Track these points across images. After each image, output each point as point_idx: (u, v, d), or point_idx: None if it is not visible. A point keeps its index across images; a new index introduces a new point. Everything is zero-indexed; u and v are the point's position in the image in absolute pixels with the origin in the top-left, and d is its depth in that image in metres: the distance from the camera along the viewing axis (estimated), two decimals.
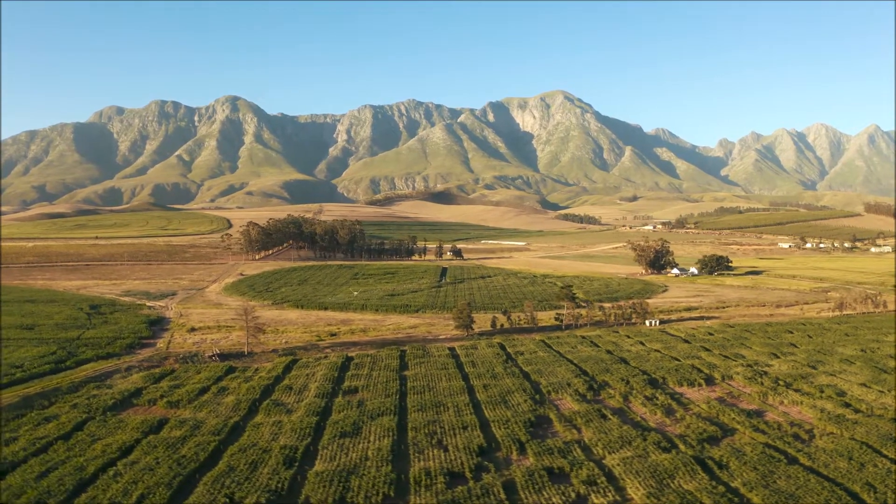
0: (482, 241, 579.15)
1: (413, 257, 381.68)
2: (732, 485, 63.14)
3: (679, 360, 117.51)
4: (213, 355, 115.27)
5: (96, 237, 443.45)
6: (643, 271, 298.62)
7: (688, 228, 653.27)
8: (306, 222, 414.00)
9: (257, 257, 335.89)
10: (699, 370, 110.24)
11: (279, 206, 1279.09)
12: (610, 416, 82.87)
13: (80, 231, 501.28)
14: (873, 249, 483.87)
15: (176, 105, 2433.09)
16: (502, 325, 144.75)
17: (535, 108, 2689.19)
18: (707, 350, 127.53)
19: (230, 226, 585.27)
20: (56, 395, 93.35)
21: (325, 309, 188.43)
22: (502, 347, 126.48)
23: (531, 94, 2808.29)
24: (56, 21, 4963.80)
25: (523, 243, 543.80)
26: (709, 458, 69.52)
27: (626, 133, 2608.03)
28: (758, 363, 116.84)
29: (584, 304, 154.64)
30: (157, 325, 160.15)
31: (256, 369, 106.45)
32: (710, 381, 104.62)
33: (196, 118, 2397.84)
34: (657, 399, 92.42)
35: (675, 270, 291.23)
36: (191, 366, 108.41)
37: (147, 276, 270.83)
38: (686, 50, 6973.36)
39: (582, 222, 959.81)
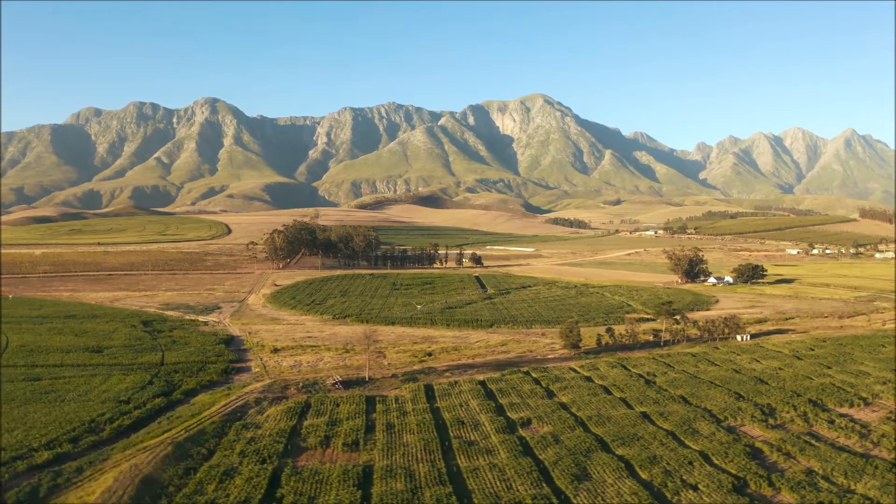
0: (487, 247, 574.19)
1: (434, 264, 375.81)
2: None
3: (812, 379, 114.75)
4: (336, 383, 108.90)
5: (98, 243, 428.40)
6: (678, 280, 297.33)
7: (689, 234, 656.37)
8: (319, 229, 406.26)
9: (280, 266, 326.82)
10: (843, 389, 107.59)
11: (263, 209, 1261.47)
12: (814, 443, 79.77)
13: (78, 237, 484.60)
14: (877, 255, 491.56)
15: (154, 107, 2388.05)
16: (606, 343, 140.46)
17: (515, 112, 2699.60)
18: (827, 367, 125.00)
19: (229, 231, 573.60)
20: (203, 438, 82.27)
21: (392, 324, 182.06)
22: (624, 367, 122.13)
23: (511, 97, 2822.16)
24: (32, 22, 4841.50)
25: (532, 249, 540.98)
26: None
27: (605, 136, 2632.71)
28: (890, 380, 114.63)
29: (679, 320, 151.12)
30: (231, 344, 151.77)
31: (397, 398, 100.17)
32: (864, 400, 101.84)
33: (175, 120, 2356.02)
34: (836, 421, 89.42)
35: (712, 279, 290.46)
36: (323, 396, 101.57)
37: (176, 286, 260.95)
38: (663, 53, 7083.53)
39: (572, 226, 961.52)
